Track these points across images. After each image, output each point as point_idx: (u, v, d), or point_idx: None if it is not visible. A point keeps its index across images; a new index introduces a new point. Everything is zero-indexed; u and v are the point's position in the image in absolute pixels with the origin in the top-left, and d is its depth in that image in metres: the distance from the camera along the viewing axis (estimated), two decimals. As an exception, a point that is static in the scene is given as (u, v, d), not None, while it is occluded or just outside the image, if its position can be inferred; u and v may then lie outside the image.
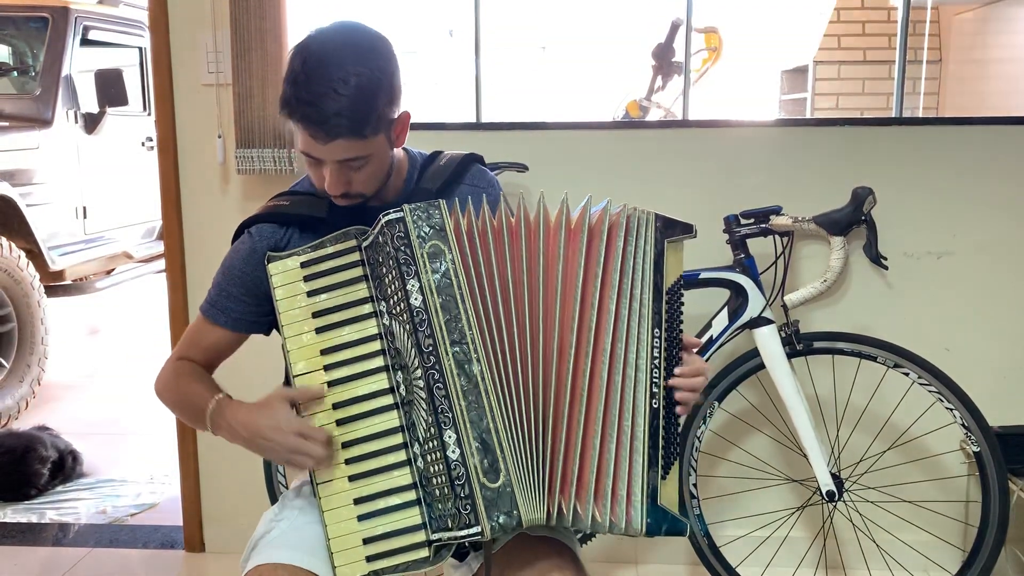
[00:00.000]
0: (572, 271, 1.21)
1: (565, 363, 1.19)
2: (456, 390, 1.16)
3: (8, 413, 3.57)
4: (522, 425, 1.17)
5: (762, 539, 2.28)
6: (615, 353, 1.20)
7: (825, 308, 2.21)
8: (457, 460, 1.15)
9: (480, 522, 1.13)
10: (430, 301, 1.18)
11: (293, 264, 1.26)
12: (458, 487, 1.14)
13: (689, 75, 2.62)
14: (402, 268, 1.19)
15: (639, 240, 1.23)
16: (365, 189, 1.30)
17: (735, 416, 2.26)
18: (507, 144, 2.20)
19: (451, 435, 1.15)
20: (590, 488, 1.17)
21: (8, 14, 4.46)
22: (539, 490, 1.16)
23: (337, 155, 1.24)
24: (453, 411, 1.15)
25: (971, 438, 1.95)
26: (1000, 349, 2.21)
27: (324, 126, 1.21)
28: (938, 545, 2.24)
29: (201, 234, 2.31)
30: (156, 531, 2.59)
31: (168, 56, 2.24)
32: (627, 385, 1.20)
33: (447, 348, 1.17)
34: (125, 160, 4.82)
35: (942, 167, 2.15)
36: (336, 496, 1.21)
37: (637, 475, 1.18)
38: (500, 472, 1.14)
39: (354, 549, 1.19)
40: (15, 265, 3.71)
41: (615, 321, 1.20)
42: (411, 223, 1.20)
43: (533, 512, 1.15)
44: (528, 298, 1.21)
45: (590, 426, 1.19)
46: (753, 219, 2.01)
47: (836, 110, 6.69)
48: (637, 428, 1.19)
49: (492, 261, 1.21)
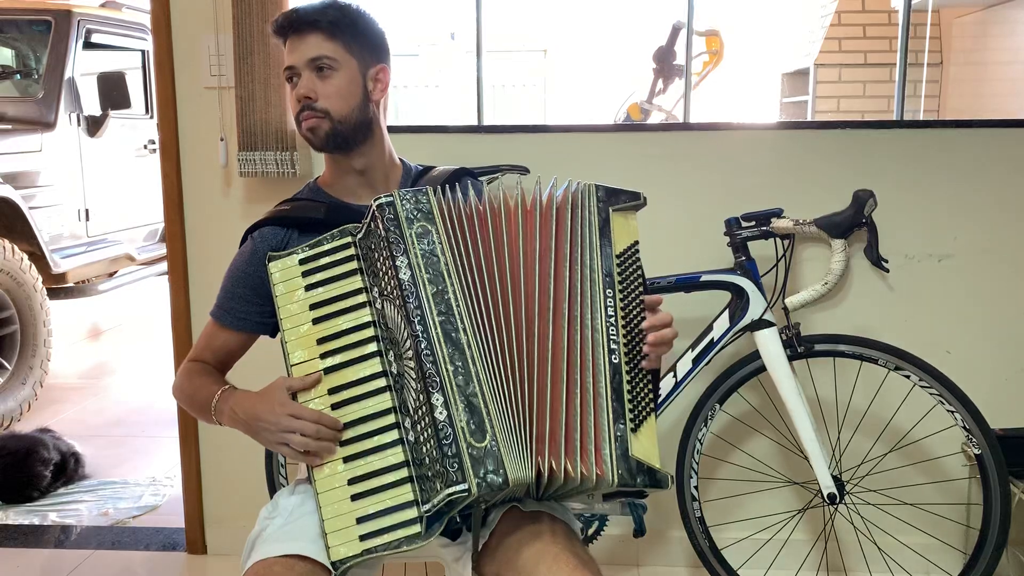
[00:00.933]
0: (532, 247, 1.31)
1: (536, 329, 1.27)
2: (443, 356, 1.20)
3: (10, 415, 3.57)
4: (505, 388, 1.22)
5: (763, 541, 2.28)
6: (572, 316, 1.28)
7: (826, 310, 2.21)
8: (444, 421, 1.17)
9: (467, 479, 1.14)
10: (418, 275, 1.24)
11: (292, 262, 1.33)
12: (446, 447, 1.16)
13: (690, 78, 2.63)
14: (392, 247, 1.25)
15: (584, 211, 1.33)
16: (330, 105, 1.41)
17: (736, 419, 2.26)
18: (508, 147, 2.20)
19: (439, 397, 1.18)
20: (572, 446, 1.22)
21: (11, 17, 4.47)
22: (524, 449, 1.20)
23: (309, 52, 1.40)
24: (440, 376, 1.19)
25: (972, 440, 1.95)
26: (1001, 351, 2.21)
27: (300, 17, 1.40)
28: (939, 547, 2.24)
29: (203, 236, 2.31)
30: (158, 533, 2.59)
31: (170, 59, 2.24)
32: (586, 345, 1.27)
33: (434, 319, 1.22)
34: (127, 163, 4.83)
35: (943, 170, 2.16)
36: (331, 478, 1.24)
37: (603, 428, 1.23)
38: (487, 433, 1.17)
39: (348, 529, 1.22)
40: (18, 267, 3.72)
41: (569, 288, 1.29)
42: (399, 205, 1.27)
43: (519, 471, 1.17)
44: (509, 272, 1.29)
45: (557, 386, 1.25)
46: (754, 222, 2.01)
47: (837, 113, 6.70)
48: (599, 384, 1.26)
49: (477, 239, 1.29)
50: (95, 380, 4.30)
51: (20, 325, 3.74)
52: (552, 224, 1.32)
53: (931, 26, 6.25)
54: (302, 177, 2.17)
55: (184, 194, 2.30)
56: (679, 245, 2.20)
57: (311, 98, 1.41)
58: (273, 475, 2.17)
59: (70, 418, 3.69)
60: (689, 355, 2.00)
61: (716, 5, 6.67)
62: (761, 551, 2.27)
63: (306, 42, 1.41)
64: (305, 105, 1.42)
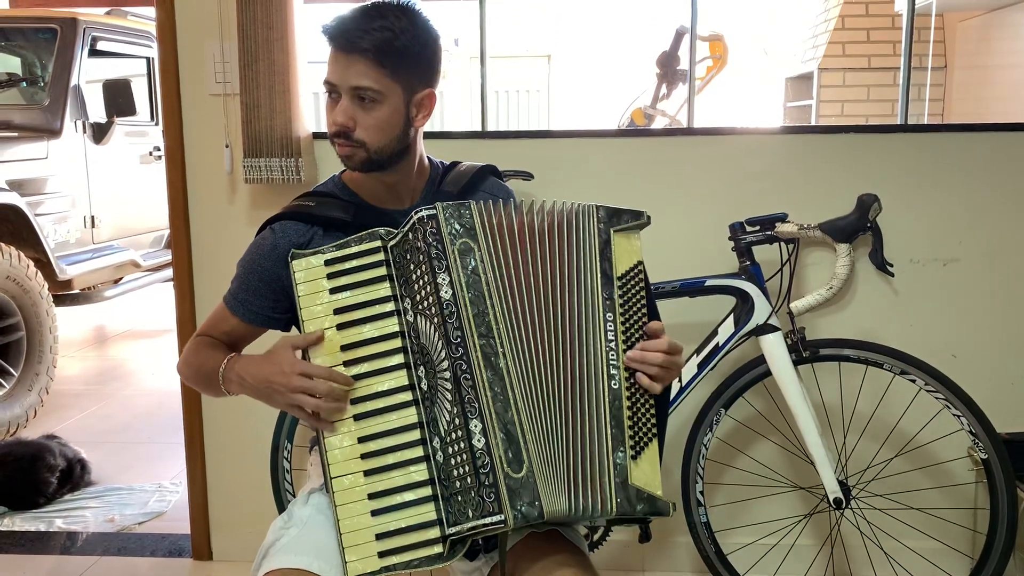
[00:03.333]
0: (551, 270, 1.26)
1: (560, 355, 1.23)
2: (483, 381, 1.17)
3: (17, 422, 3.58)
4: (545, 418, 1.20)
5: (769, 547, 2.27)
6: (581, 341, 1.24)
7: (831, 315, 2.20)
8: (482, 449, 1.15)
9: (503, 511, 1.13)
10: (459, 295, 1.20)
11: (317, 262, 1.28)
12: (483, 475, 1.14)
13: (694, 83, 2.63)
14: (433, 263, 1.22)
15: (583, 233, 1.28)
16: (367, 137, 1.33)
17: (742, 423, 2.26)
18: (512, 152, 2.21)
19: (477, 424, 1.16)
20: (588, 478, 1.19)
21: (17, 25, 4.49)
22: (561, 482, 1.17)
23: (352, 79, 1.29)
24: (480, 402, 1.17)
25: (979, 445, 1.94)
26: (1007, 356, 2.20)
27: (348, 36, 1.27)
28: (946, 552, 2.23)
29: (209, 243, 2.32)
30: (164, 539, 2.59)
31: (176, 66, 2.25)
32: (587, 372, 1.23)
33: (475, 341, 1.19)
34: (133, 170, 4.85)
35: (948, 174, 2.15)
36: (350, 491, 1.21)
37: (604, 456, 1.20)
38: (523, 463, 1.15)
39: (367, 544, 1.19)
40: (24, 274, 3.73)
41: (577, 312, 1.25)
42: (443, 220, 1.23)
43: (554, 504, 1.15)
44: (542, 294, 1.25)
45: (579, 416, 1.21)
46: (758, 226, 2.01)
47: (841, 117, 6.69)
48: (600, 410, 1.22)
49: (518, 260, 1.25)
50: (101, 386, 4.31)
51: (26, 331, 3.75)
52: (556, 244, 1.28)
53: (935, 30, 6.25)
54: (307, 183, 2.17)
55: (189, 201, 2.31)
56: (683, 250, 2.20)
57: (349, 127, 1.32)
58: (279, 481, 2.17)
59: (76, 424, 3.70)
60: (694, 360, 2.00)
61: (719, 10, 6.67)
62: (767, 556, 2.27)
63: (351, 66, 1.29)
64: (341, 132, 1.33)
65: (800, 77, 7.29)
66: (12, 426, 3.55)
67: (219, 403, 2.37)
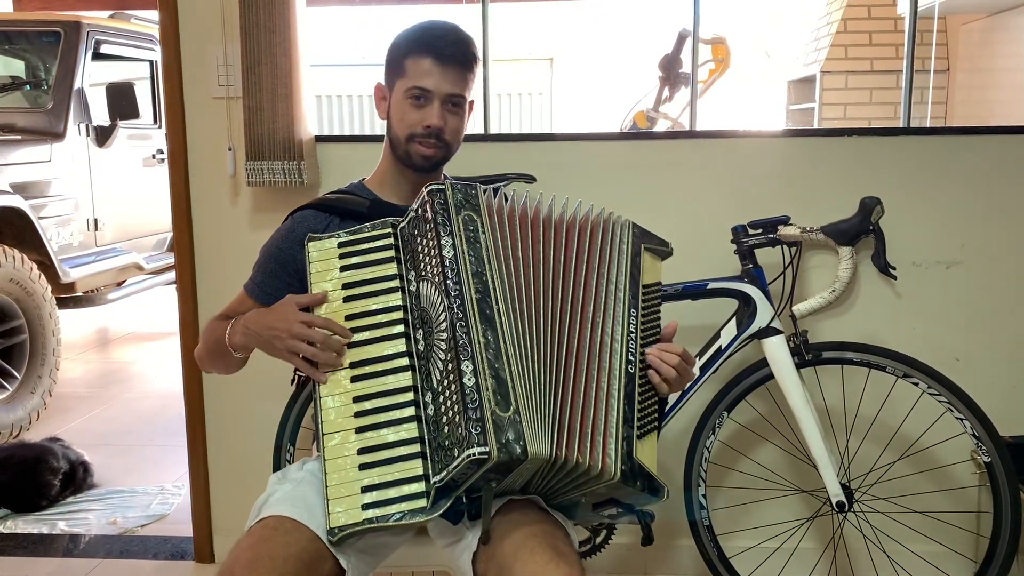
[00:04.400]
0: (568, 257, 1.39)
1: (564, 327, 1.33)
2: (476, 329, 1.24)
3: (19, 424, 3.59)
4: (532, 371, 1.26)
5: (772, 550, 2.27)
6: (595, 321, 1.36)
7: (834, 318, 2.20)
8: (472, 387, 1.20)
9: (488, 442, 1.16)
10: (461, 255, 1.29)
11: (331, 244, 1.39)
12: (471, 410, 1.18)
13: (696, 86, 2.63)
14: (439, 228, 1.30)
15: (616, 239, 1.44)
16: (451, 139, 1.55)
17: (744, 427, 2.26)
18: (515, 155, 2.21)
19: (468, 365, 1.21)
20: (576, 433, 1.26)
21: (21, 29, 4.50)
22: (545, 431, 1.22)
23: (446, 86, 1.49)
24: (472, 346, 1.22)
25: (982, 448, 1.94)
26: (1010, 359, 2.20)
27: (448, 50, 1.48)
28: (949, 556, 2.22)
29: (212, 246, 2.32)
30: (166, 542, 2.59)
31: (179, 69, 2.26)
32: (604, 350, 1.34)
33: (471, 295, 1.26)
34: (136, 173, 4.86)
35: (950, 177, 2.15)
36: (340, 446, 1.26)
37: (612, 426, 1.28)
38: (511, 405, 1.20)
39: (352, 497, 1.23)
40: (27, 277, 3.73)
41: (595, 296, 1.38)
42: (450, 193, 1.34)
43: (538, 447, 1.19)
44: (544, 271, 1.36)
45: (580, 379, 1.30)
46: (761, 229, 2.01)
47: (843, 120, 6.69)
48: (612, 387, 1.31)
49: (517, 237, 1.36)
50: (104, 389, 4.31)
51: (29, 334, 3.76)
52: (586, 239, 1.41)
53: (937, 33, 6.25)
54: (310, 186, 2.18)
55: (192, 204, 2.31)
56: (686, 253, 2.19)
57: (443, 129, 1.52)
58: (281, 484, 2.17)
59: (79, 427, 3.70)
60: (696, 363, 1.99)
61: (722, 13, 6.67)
62: (770, 560, 2.26)
63: (450, 74, 1.50)
64: (432, 133, 1.51)
65: (802, 80, 7.29)
66: (15, 429, 3.55)
67: (222, 406, 2.38)
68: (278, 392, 2.02)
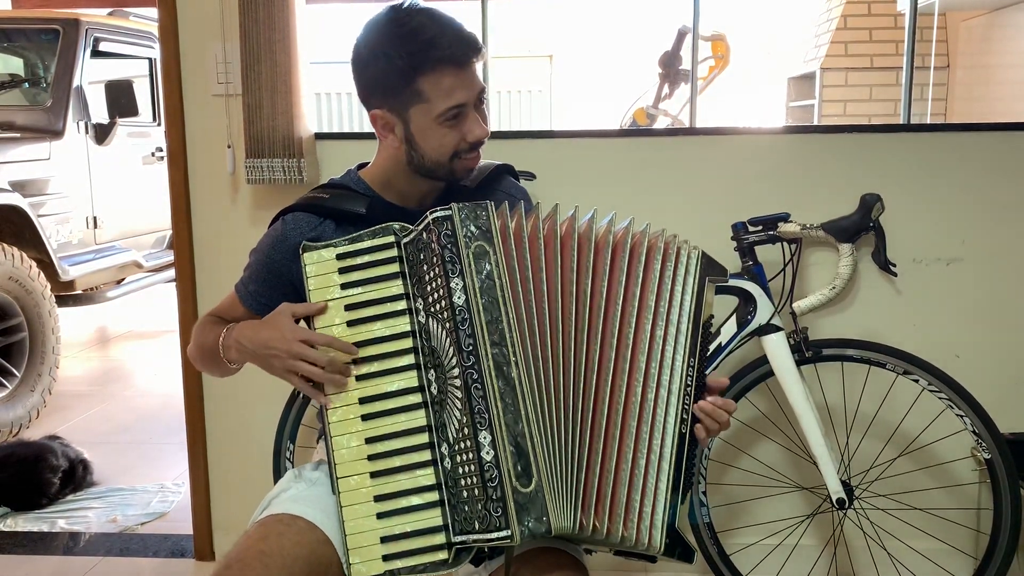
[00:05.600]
0: (614, 289, 1.24)
1: (603, 377, 1.21)
2: (494, 392, 1.14)
3: (19, 422, 3.58)
4: (556, 432, 1.17)
5: (772, 547, 2.27)
6: (649, 373, 1.23)
7: (834, 315, 2.20)
8: (491, 462, 1.13)
9: (510, 526, 1.11)
10: (473, 301, 1.17)
11: (329, 255, 1.26)
12: (491, 489, 1.12)
13: (696, 83, 2.63)
14: (447, 266, 1.18)
15: (680, 270, 1.27)
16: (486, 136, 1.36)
17: (744, 424, 2.26)
18: (515, 152, 2.20)
19: (486, 436, 1.13)
20: (620, 502, 1.19)
21: (20, 26, 4.49)
22: (570, 500, 1.16)
23: (476, 86, 1.31)
24: (490, 412, 1.14)
25: (982, 445, 1.94)
26: (1010, 355, 2.20)
27: (461, 46, 1.28)
28: (950, 553, 2.22)
29: (211, 244, 2.32)
30: (166, 540, 2.59)
31: (178, 67, 2.25)
32: (659, 406, 1.23)
33: (487, 349, 1.15)
34: (135, 170, 4.85)
35: (950, 173, 2.15)
36: (356, 492, 1.19)
37: (661, 495, 1.21)
38: (533, 477, 1.12)
39: (371, 547, 1.18)
40: (26, 275, 3.73)
41: (649, 342, 1.24)
42: (458, 222, 1.19)
43: (562, 520, 1.14)
44: (575, 308, 1.22)
45: (624, 441, 1.21)
46: (761, 226, 2.01)
47: (843, 117, 6.69)
48: (665, 449, 1.22)
49: (540, 267, 1.21)
50: (103, 387, 4.31)
51: (29, 332, 3.75)
52: (638, 266, 1.25)
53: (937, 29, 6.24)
54: (309, 184, 2.17)
55: (192, 201, 2.31)
56: (686, 250, 2.19)
57: (487, 134, 1.36)
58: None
59: (78, 425, 3.70)
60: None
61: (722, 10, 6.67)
62: (770, 557, 2.26)
63: (471, 72, 1.31)
64: (475, 144, 1.35)
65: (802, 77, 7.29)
66: (15, 427, 3.55)
67: (222, 403, 2.37)
68: (278, 390, 2.02)
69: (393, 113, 1.34)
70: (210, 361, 1.42)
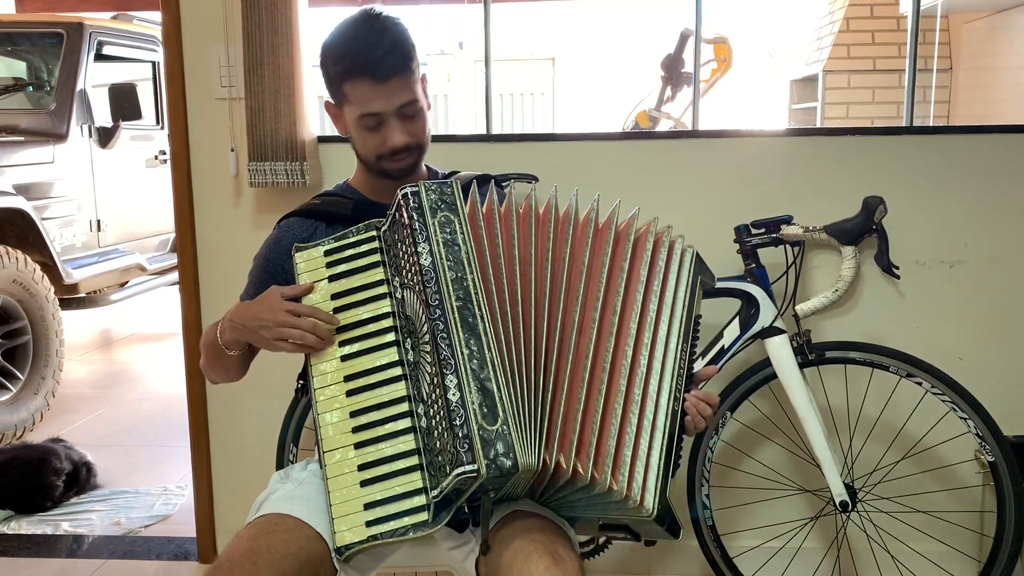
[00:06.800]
0: (598, 260, 1.32)
1: (585, 335, 1.27)
2: (459, 339, 1.20)
3: (23, 425, 3.59)
4: (524, 381, 1.22)
5: (775, 550, 2.27)
6: (641, 341, 1.30)
7: (837, 317, 2.20)
8: (457, 402, 1.17)
9: (476, 460, 1.13)
10: (438, 260, 1.24)
11: (317, 253, 1.37)
12: (457, 427, 1.15)
13: (698, 85, 2.63)
14: (415, 235, 1.27)
15: (675, 259, 1.38)
16: (419, 141, 1.46)
17: (747, 426, 2.25)
18: (517, 156, 2.21)
19: (452, 379, 1.18)
20: (606, 453, 1.22)
21: (24, 30, 4.51)
22: (536, 439, 1.19)
23: (396, 100, 1.41)
24: (455, 359, 1.19)
25: (985, 448, 1.94)
26: (1014, 358, 2.20)
27: (382, 65, 1.38)
28: (953, 556, 2.22)
29: (214, 246, 2.32)
30: (169, 543, 2.60)
31: (181, 70, 2.26)
32: (652, 376, 1.29)
33: (452, 303, 1.22)
34: (139, 174, 4.86)
35: (953, 176, 2.15)
36: (340, 463, 1.25)
37: (654, 460, 1.25)
38: (498, 417, 1.16)
39: (355, 515, 1.22)
40: (30, 278, 3.74)
41: (642, 313, 1.32)
42: (424, 195, 1.30)
43: (528, 457, 1.16)
44: (551, 276, 1.29)
45: (612, 396, 1.25)
46: (764, 229, 2.01)
47: (846, 119, 6.69)
48: (658, 419, 1.28)
49: (513, 238, 1.30)
50: (107, 390, 4.32)
51: (32, 335, 3.76)
52: (626, 246, 1.34)
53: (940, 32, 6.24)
54: (312, 187, 2.17)
55: (195, 204, 2.31)
56: (688, 252, 2.19)
57: (411, 143, 1.45)
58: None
59: (82, 428, 3.71)
60: (700, 363, 1.99)
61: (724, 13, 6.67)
62: (773, 559, 2.26)
63: (393, 87, 1.40)
64: (396, 150, 1.44)
65: (805, 79, 7.29)
66: (18, 430, 3.56)
67: (225, 406, 2.38)
68: (281, 393, 2.02)
69: (336, 106, 1.50)
70: (214, 359, 1.49)
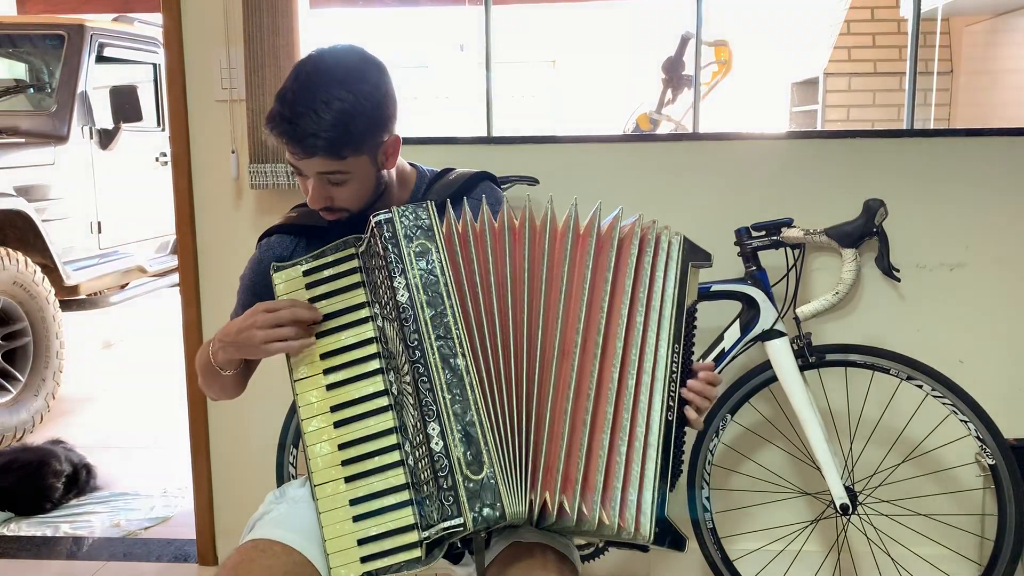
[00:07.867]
0: (579, 274, 1.24)
1: (567, 363, 1.21)
2: (440, 383, 1.17)
3: (23, 427, 3.59)
4: (508, 419, 1.18)
5: (775, 553, 2.27)
6: (627, 360, 1.22)
7: (837, 320, 2.20)
8: (440, 452, 1.15)
9: (463, 514, 1.12)
10: (416, 297, 1.20)
11: (296, 273, 1.32)
12: (441, 479, 1.14)
13: (699, 88, 2.63)
14: (391, 267, 1.22)
15: (661, 255, 1.27)
16: (349, 205, 1.34)
17: (748, 429, 2.25)
18: (518, 158, 2.21)
19: (435, 427, 1.16)
20: (595, 488, 1.18)
21: (25, 32, 4.51)
22: (523, 483, 1.16)
23: (316, 168, 1.29)
24: (437, 404, 1.16)
25: (986, 450, 1.94)
26: (1014, 361, 2.20)
27: (301, 144, 1.26)
28: (954, 559, 2.22)
29: (215, 249, 2.32)
30: (169, 545, 2.60)
31: (182, 72, 2.26)
32: (642, 394, 1.22)
33: (432, 343, 1.18)
34: (139, 175, 4.87)
35: (954, 178, 2.15)
36: (332, 498, 1.23)
37: (649, 482, 1.20)
38: (484, 465, 1.14)
39: (349, 550, 1.20)
40: (30, 280, 3.74)
41: (628, 328, 1.23)
42: (398, 222, 1.23)
43: (516, 505, 1.14)
44: (528, 296, 1.23)
45: (598, 426, 1.20)
46: (764, 231, 2.01)
47: (847, 122, 6.69)
48: (650, 437, 1.21)
49: (488, 260, 1.24)
50: (107, 392, 4.32)
51: (33, 337, 3.76)
52: (611, 255, 1.25)
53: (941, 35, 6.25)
54: (313, 189, 2.18)
55: (196, 206, 2.32)
56: (689, 255, 2.19)
57: (328, 205, 1.33)
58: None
59: (82, 429, 3.71)
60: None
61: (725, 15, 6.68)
62: (773, 562, 2.26)
63: (308, 163, 1.28)
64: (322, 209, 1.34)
65: (805, 82, 7.30)
66: (18, 431, 3.56)
67: (225, 409, 2.38)
68: (281, 395, 2.02)
69: None
70: (210, 378, 1.45)
